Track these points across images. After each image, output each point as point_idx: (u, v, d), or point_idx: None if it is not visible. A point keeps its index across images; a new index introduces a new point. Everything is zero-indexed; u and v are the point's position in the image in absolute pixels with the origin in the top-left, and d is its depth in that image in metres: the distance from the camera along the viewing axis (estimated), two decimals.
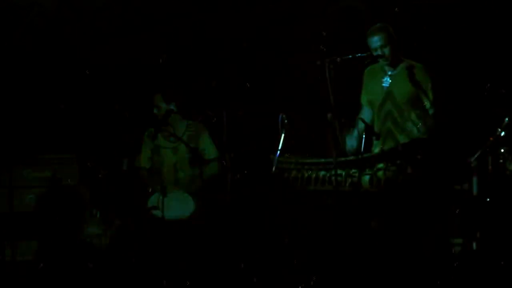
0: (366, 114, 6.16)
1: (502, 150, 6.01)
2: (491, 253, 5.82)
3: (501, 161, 5.99)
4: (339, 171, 5.53)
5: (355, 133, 5.96)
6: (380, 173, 5.51)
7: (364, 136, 5.84)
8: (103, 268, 6.45)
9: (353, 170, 5.57)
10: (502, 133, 6.00)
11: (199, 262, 6.20)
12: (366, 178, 5.53)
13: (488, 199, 5.96)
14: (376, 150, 5.95)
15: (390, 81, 6.05)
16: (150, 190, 6.50)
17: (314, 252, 5.80)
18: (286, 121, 5.75)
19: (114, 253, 6.63)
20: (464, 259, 5.85)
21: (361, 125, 5.96)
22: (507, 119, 5.99)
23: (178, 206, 6.27)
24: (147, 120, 6.65)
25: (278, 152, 5.71)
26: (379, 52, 5.95)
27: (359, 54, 5.93)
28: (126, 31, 7.49)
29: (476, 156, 5.96)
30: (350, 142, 5.97)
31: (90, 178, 7.22)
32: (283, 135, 5.76)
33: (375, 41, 5.97)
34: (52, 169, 7.35)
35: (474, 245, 5.86)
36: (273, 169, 5.70)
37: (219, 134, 6.81)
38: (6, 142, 7.19)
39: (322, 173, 5.68)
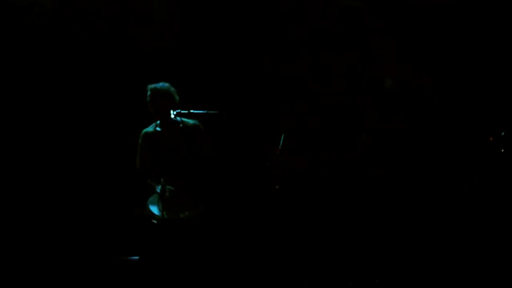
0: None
1: None
2: None
3: None
4: None
5: None
6: None
7: None
8: (103, 269, 6.48)
9: None
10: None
11: (199, 262, 6.21)
12: None
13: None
14: None
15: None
16: (148, 189, 6.52)
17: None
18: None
19: (114, 253, 6.65)
20: None
21: None
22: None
23: (178, 205, 6.26)
24: (145, 119, 6.65)
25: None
26: None
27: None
28: (126, 31, 7.49)
29: None
30: None
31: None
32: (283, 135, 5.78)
33: None
34: None
35: None
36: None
37: (219, 134, 6.82)
38: (6, 142, 7.20)
39: None
